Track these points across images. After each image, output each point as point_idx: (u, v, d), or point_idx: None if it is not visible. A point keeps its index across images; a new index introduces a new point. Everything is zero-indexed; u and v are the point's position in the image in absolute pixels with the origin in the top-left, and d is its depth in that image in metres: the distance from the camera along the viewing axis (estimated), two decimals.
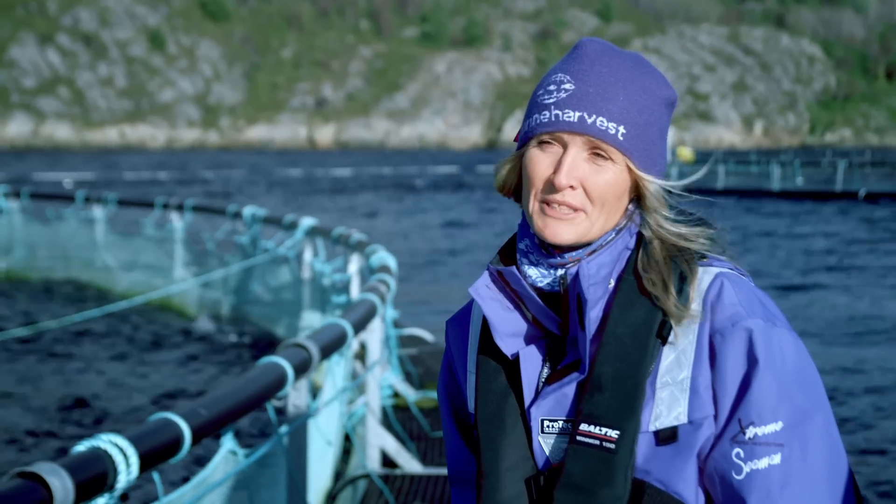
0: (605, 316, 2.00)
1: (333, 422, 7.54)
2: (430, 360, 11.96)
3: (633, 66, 2.04)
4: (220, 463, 4.55)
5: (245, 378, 4.71)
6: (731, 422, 1.93)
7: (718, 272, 2.01)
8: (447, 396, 2.27)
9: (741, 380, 1.93)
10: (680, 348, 1.96)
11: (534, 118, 2.03)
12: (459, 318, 2.26)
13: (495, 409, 2.07)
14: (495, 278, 2.09)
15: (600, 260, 2.01)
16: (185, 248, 18.94)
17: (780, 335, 1.95)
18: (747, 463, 1.91)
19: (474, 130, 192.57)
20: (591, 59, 2.03)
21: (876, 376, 13.78)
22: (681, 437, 1.94)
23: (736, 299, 1.97)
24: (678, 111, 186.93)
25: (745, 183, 54.54)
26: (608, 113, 1.97)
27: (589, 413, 1.96)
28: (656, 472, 1.95)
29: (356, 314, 6.68)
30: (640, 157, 2.01)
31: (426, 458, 8.25)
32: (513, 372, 2.07)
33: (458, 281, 23.11)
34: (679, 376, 1.95)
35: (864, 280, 22.85)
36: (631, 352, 1.96)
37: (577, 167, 1.98)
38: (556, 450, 2.02)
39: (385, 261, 9.40)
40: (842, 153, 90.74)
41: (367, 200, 49.61)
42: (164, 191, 51.55)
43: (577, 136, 1.98)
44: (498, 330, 2.05)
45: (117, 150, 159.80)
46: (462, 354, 2.21)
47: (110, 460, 3.25)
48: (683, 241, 2.02)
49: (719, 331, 1.95)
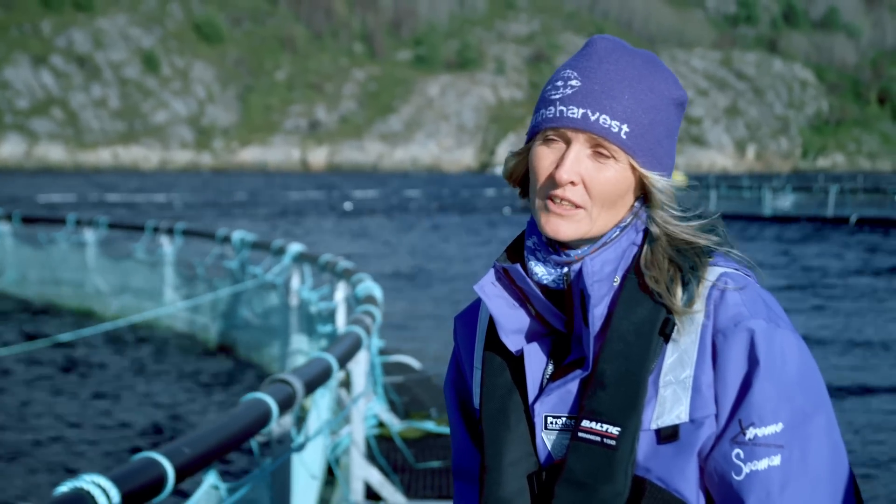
0: (609, 313, 2.01)
1: (317, 454, 7.53)
2: (417, 388, 11.93)
3: (642, 65, 2.04)
4: (202, 499, 4.55)
5: (229, 415, 4.70)
6: (731, 422, 1.93)
7: (723, 272, 2.01)
8: (454, 392, 2.27)
9: (742, 380, 1.94)
10: (683, 347, 1.97)
11: (540, 113, 2.04)
12: (468, 314, 2.27)
13: (500, 404, 2.08)
14: (501, 276, 2.10)
15: (604, 257, 2.02)
16: (175, 271, 18.94)
17: (782, 336, 1.95)
18: (747, 464, 1.91)
19: (467, 153, 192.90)
20: (600, 56, 2.03)
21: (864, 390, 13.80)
22: (682, 435, 1.95)
23: (739, 299, 1.97)
24: None
25: (737, 207, 54.60)
26: (612, 111, 1.99)
27: (591, 410, 1.97)
28: (657, 470, 1.95)
29: (341, 348, 6.67)
30: (644, 155, 2.01)
31: (410, 491, 8.23)
32: (518, 368, 2.09)
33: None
34: (681, 375, 1.95)
35: (856, 305, 22.88)
36: (634, 349, 1.96)
37: (579, 163, 1.98)
38: (558, 446, 2.03)
39: (371, 290, 9.39)
40: (834, 178, 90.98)
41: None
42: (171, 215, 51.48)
43: (580, 133, 1.99)
44: (503, 327, 2.07)
45: (110, 171, 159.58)
46: (469, 350, 2.23)
47: (93, 501, 3.25)
48: (690, 237, 2.03)
49: (721, 331, 1.96)
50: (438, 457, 9.13)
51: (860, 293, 24.79)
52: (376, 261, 31.57)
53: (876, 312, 21.63)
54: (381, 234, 44.38)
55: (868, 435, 12.22)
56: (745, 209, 53.46)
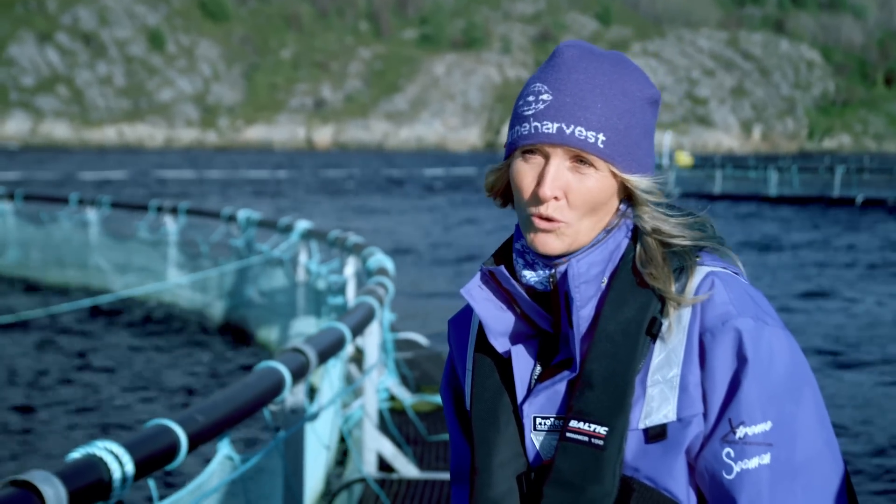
0: (597, 313, 2.01)
1: (330, 425, 7.51)
2: (426, 363, 11.92)
3: (611, 70, 2.03)
4: (217, 469, 4.51)
5: (242, 383, 4.66)
6: (720, 421, 1.93)
7: (710, 271, 2.00)
8: (450, 395, 2.28)
9: (730, 379, 1.93)
10: (670, 346, 1.96)
11: (515, 130, 2.03)
12: (460, 317, 2.27)
13: (489, 406, 2.08)
14: (488, 279, 2.09)
15: (591, 258, 2.01)
16: (179, 251, 18.86)
17: (770, 333, 1.94)
18: (737, 463, 1.91)
19: (473, 133, 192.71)
20: (569, 66, 2.02)
21: (866, 386, 13.79)
22: (670, 434, 1.95)
23: (727, 297, 1.96)
24: (677, 115, 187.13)
25: (743, 188, 54.54)
26: (586, 122, 1.97)
27: (578, 410, 1.97)
28: (645, 470, 1.95)
29: (354, 318, 6.65)
30: (624, 160, 2.00)
31: (423, 463, 8.19)
32: (507, 370, 2.09)
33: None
34: (669, 374, 1.95)
35: (862, 287, 22.85)
36: (621, 349, 1.96)
37: (560, 177, 1.97)
38: (547, 447, 2.03)
39: (383, 263, 9.36)
40: (840, 159, 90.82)
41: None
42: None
43: (558, 147, 1.98)
44: (491, 329, 2.06)
45: (115, 149, 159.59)
46: (462, 353, 2.23)
47: (105, 468, 3.21)
48: (678, 235, 2.02)
49: (709, 329, 1.94)
50: None
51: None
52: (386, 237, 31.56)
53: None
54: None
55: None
56: (751, 189, 53.40)
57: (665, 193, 2.06)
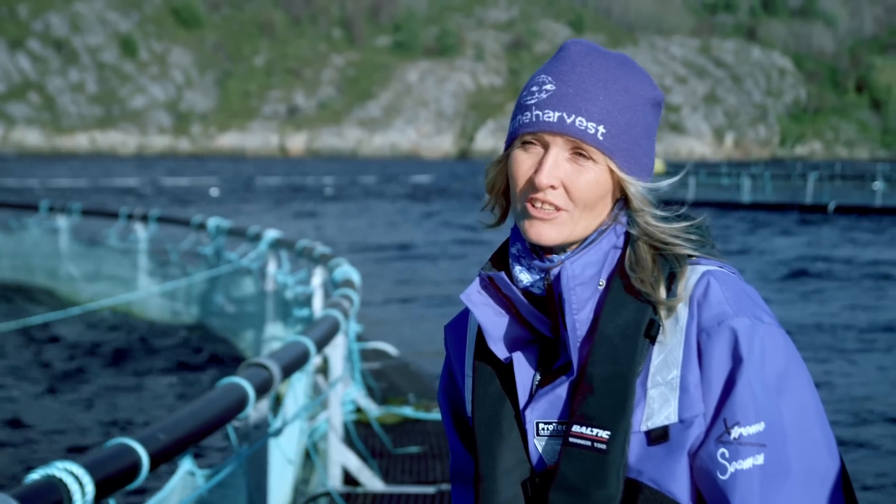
0: (596, 316, 2.00)
1: (294, 439, 7.48)
2: (394, 374, 11.88)
3: (616, 67, 2.04)
4: (178, 485, 4.49)
5: (205, 399, 4.63)
6: (716, 422, 1.93)
7: (705, 270, 2.00)
8: (447, 400, 2.27)
9: (726, 379, 1.93)
10: (669, 347, 1.96)
11: (517, 119, 2.04)
12: (457, 322, 2.27)
13: (492, 412, 2.08)
14: (486, 284, 2.09)
15: (585, 260, 2.01)
16: (149, 258, 18.81)
17: (765, 332, 1.94)
18: (732, 463, 1.90)
19: (446, 140, 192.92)
20: (574, 60, 2.03)
21: (841, 388, 13.84)
22: (672, 436, 1.94)
23: (723, 297, 1.96)
24: None
25: (716, 195, 54.71)
26: (588, 113, 1.98)
27: (581, 414, 1.96)
28: (649, 472, 1.95)
29: (319, 331, 6.62)
30: (623, 156, 2.01)
31: (388, 476, 8.16)
32: (508, 376, 2.08)
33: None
34: (668, 376, 1.95)
35: (832, 293, 22.96)
36: (621, 352, 1.96)
37: (558, 167, 1.98)
38: (550, 452, 2.03)
39: (348, 275, 9.33)
40: (812, 166, 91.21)
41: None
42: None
43: (558, 137, 1.98)
44: (491, 335, 2.06)
45: (87, 156, 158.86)
46: (460, 359, 2.22)
47: (65, 489, 3.18)
48: (671, 238, 2.02)
49: (705, 329, 1.95)
50: (416, 442, 9.09)
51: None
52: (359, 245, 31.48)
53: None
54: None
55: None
56: (724, 196, 53.58)
57: (660, 199, 2.06)
